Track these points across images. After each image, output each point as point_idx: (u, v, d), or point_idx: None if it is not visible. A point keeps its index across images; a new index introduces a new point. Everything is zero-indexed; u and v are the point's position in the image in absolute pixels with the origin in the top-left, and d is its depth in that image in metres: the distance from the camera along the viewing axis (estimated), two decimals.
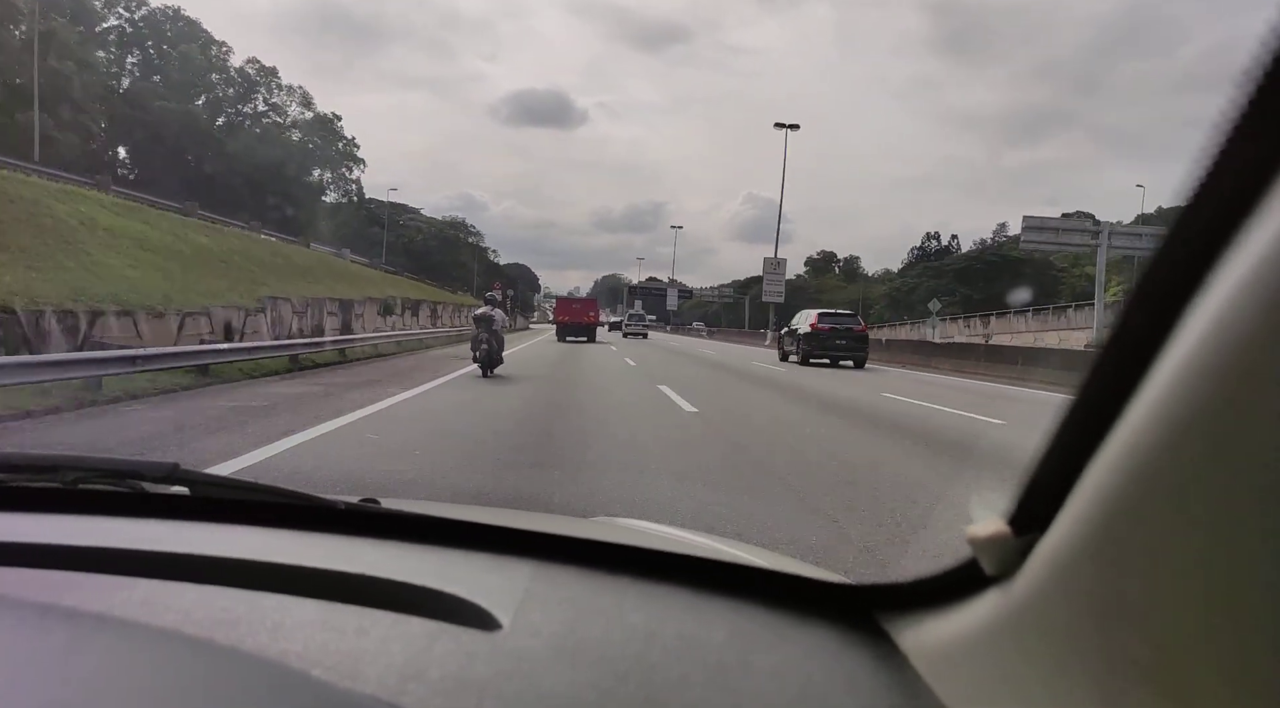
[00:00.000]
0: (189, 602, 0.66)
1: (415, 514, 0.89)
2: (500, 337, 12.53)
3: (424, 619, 0.64)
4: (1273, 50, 0.34)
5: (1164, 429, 0.37)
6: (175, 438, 5.97)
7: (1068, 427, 0.46)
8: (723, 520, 3.72)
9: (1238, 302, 0.34)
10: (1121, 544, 0.40)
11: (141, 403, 8.07)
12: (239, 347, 12.58)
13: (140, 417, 7.17)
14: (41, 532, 0.81)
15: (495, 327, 12.30)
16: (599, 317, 37.53)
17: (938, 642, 0.59)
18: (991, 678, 0.52)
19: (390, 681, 0.55)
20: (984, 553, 0.53)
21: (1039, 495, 0.48)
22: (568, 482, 4.62)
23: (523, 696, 0.54)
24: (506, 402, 9.13)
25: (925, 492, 4.66)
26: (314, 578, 0.71)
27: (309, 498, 0.89)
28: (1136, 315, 0.41)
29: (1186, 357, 0.37)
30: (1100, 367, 0.43)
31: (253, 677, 0.52)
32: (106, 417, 7.16)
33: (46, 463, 0.93)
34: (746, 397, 11.67)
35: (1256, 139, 0.35)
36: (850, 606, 0.71)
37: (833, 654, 0.64)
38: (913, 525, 3.84)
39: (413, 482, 4.48)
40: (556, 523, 1.09)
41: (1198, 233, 0.38)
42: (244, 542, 0.81)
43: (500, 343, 12.48)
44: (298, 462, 5.00)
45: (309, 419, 6.88)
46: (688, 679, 0.58)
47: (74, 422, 6.81)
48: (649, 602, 0.72)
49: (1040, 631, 0.47)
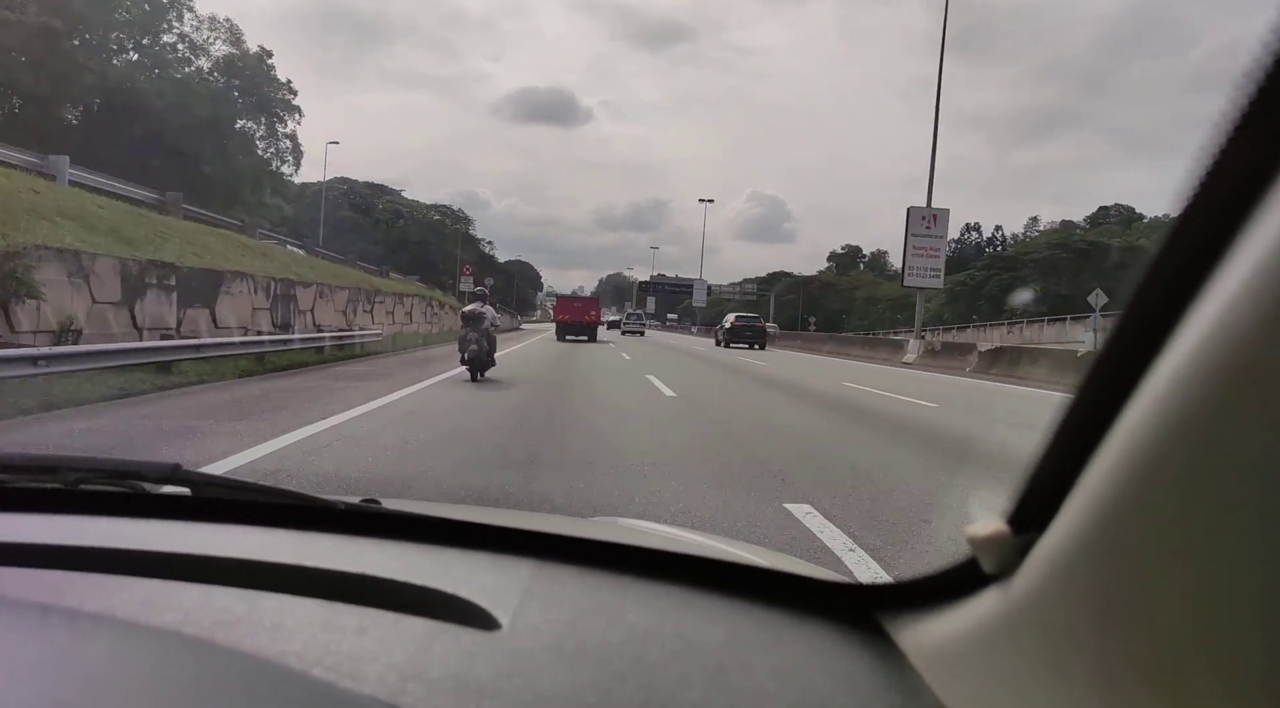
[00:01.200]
0: (189, 602, 0.66)
1: (415, 514, 0.89)
2: (491, 336, 11.36)
3: (424, 619, 0.64)
4: (1273, 51, 0.34)
5: (1163, 429, 0.38)
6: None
7: (1067, 427, 0.46)
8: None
9: (1236, 302, 0.35)
10: (1120, 544, 0.40)
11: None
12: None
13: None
14: (42, 532, 0.81)
15: (485, 325, 11.13)
16: (600, 316, 35.83)
17: (937, 641, 0.59)
18: (991, 677, 0.52)
19: (390, 680, 0.54)
20: (983, 552, 0.53)
21: (1038, 495, 0.48)
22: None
23: (522, 695, 0.54)
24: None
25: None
26: (314, 578, 0.71)
27: (309, 498, 0.89)
28: (1136, 316, 0.42)
29: (1185, 357, 0.37)
30: (1099, 367, 0.43)
31: (253, 677, 0.52)
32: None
33: (47, 463, 0.94)
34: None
35: (1256, 140, 0.35)
36: (849, 605, 0.71)
37: (832, 654, 0.64)
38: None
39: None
40: (556, 523, 1.10)
41: (1197, 234, 0.38)
42: (244, 542, 0.81)
43: (492, 343, 11.31)
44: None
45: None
46: (687, 679, 0.58)
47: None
48: (649, 601, 0.72)
49: (1039, 630, 0.47)
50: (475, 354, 10.75)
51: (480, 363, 10.88)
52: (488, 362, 11.07)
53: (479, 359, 10.81)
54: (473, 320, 11.04)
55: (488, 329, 11.10)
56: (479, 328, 10.90)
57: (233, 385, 9.47)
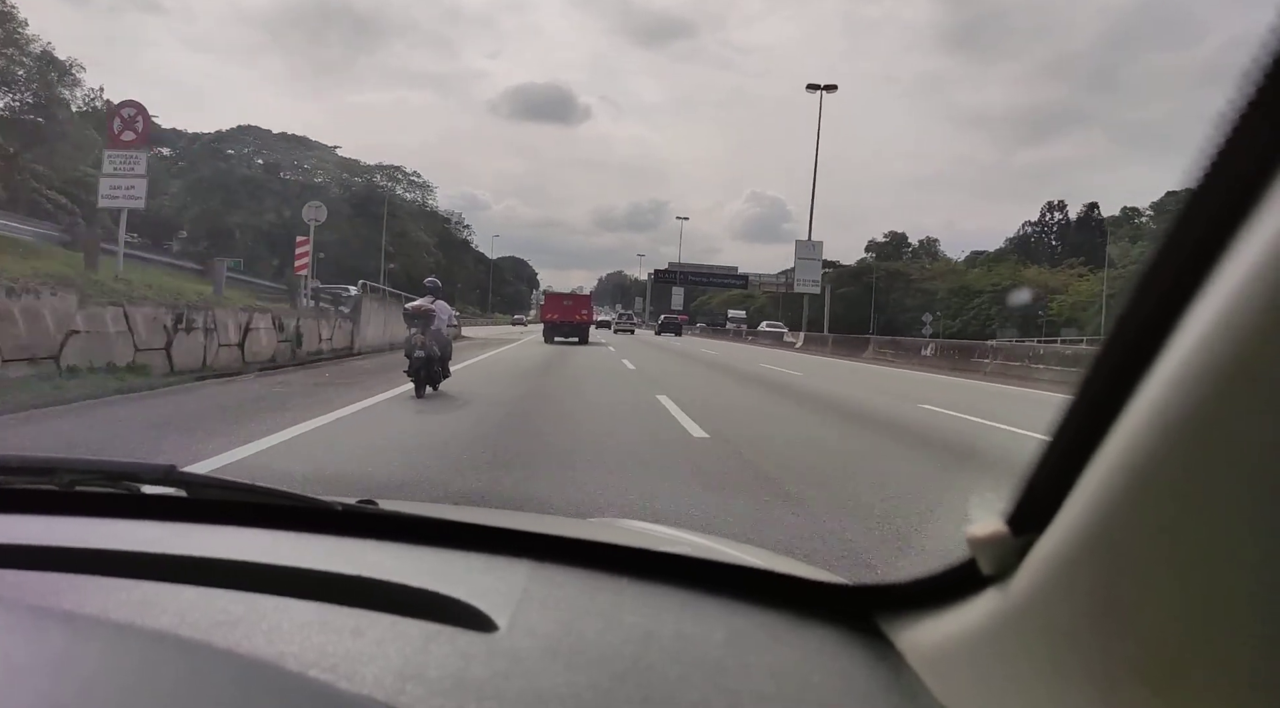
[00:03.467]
0: (186, 603, 0.66)
1: (412, 515, 0.89)
2: (445, 340, 9.10)
3: (421, 621, 0.64)
4: (1273, 51, 0.34)
5: (1162, 430, 0.38)
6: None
7: (1066, 427, 0.46)
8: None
9: (1236, 302, 0.35)
10: (1119, 545, 0.40)
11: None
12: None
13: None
14: (38, 534, 0.81)
15: (435, 326, 8.77)
16: (592, 316, 32.91)
17: (935, 642, 0.59)
18: (989, 678, 0.52)
19: (387, 682, 0.54)
20: (982, 553, 0.53)
21: (1037, 496, 0.48)
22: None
23: (520, 696, 0.54)
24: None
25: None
26: (311, 579, 0.71)
27: (306, 500, 0.89)
28: (1135, 316, 0.41)
29: (1185, 358, 0.37)
30: (1099, 367, 0.43)
31: (250, 678, 0.52)
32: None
33: (43, 465, 0.93)
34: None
35: (1257, 140, 0.35)
36: (848, 606, 0.71)
37: (830, 655, 0.64)
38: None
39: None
40: (553, 524, 1.09)
41: (1196, 234, 0.38)
42: (241, 543, 0.81)
43: (445, 349, 9.08)
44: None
45: None
46: (685, 680, 0.58)
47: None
48: (646, 602, 0.72)
49: (1038, 631, 0.47)
50: (421, 362, 8.50)
51: (429, 374, 8.71)
52: (439, 372, 8.96)
53: (428, 368, 8.64)
54: (420, 319, 8.71)
55: (439, 331, 8.90)
56: (425, 328, 8.64)
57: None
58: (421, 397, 8.47)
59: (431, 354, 8.61)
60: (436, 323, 8.80)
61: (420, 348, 8.50)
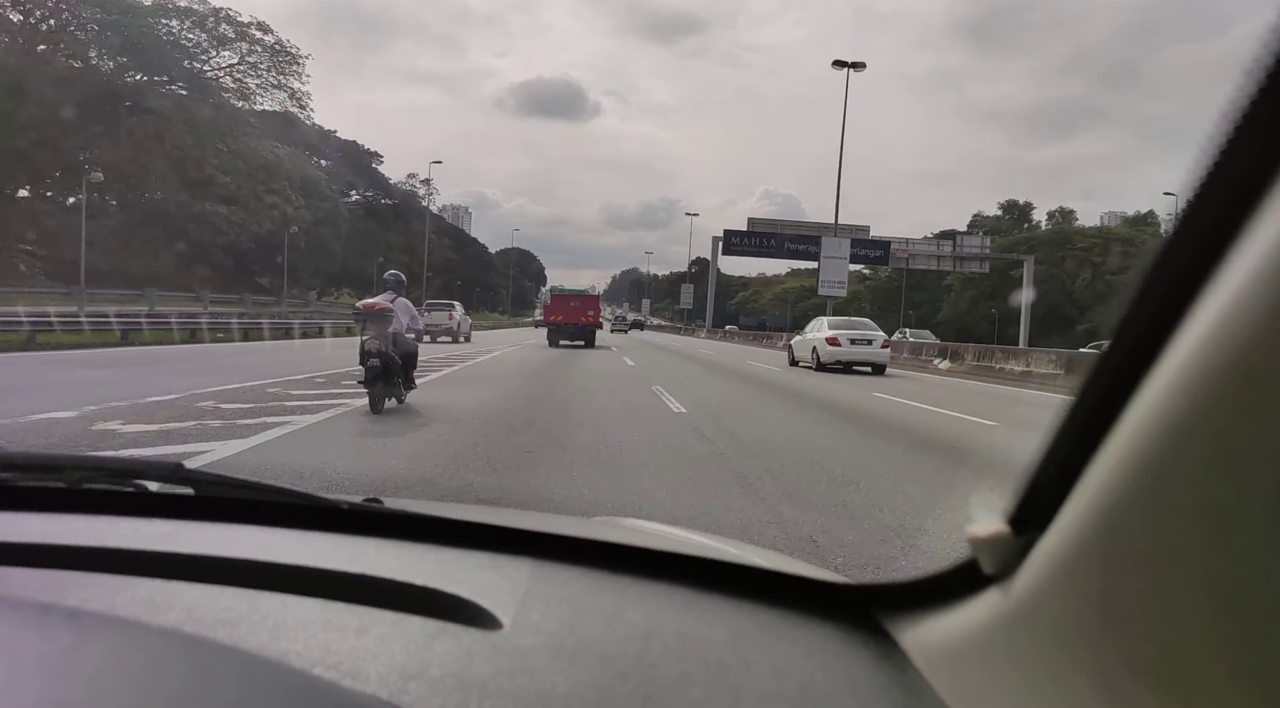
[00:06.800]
0: (191, 601, 0.66)
1: (417, 514, 0.89)
2: (407, 344, 7.69)
3: (425, 619, 0.64)
4: (1273, 51, 0.34)
5: (1164, 430, 0.38)
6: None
7: (1068, 427, 0.46)
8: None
9: (1238, 303, 0.35)
10: (1121, 544, 0.40)
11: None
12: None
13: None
14: (45, 531, 0.81)
15: (394, 328, 7.37)
16: (600, 316, 30.04)
17: (938, 641, 0.59)
18: (991, 677, 0.52)
19: (391, 679, 0.54)
20: (984, 553, 0.53)
21: (1039, 495, 0.48)
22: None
23: (523, 694, 0.54)
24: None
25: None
26: (316, 578, 0.71)
27: (312, 498, 0.89)
28: (1137, 316, 0.41)
29: (1187, 357, 0.37)
30: (1101, 367, 0.43)
31: (254, 676, 0.52)
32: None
33: (50, 463, 0.95)
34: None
35: (1258, 140, 0.35)
36: (850, 605, 0.71)
37: (833, 653, 0.64)
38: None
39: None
40: (556, 523, 1.10)
41: (1198, 234, 0.38)
42: (246, 541, 0.81)
43: (408, 356, 7.71)
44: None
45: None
46: (688, 678, 0.58)
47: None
48: (649, 601, 0.72)
49: (1040, 630, 0.47)
50: (377, 370, 7.09)
51: (388, 384, 7.38)
52: (397, 383, 7.55)
53: (386, 378, 7.28)
54: (376, 320, 7.31)
55: (398, 333, 7.52)
56: (381, 328, 7.26)
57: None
58: (379, 412, 7.12)
59: (390, 362, 7.23)
60: (395, 324, 7.45)
61: (375, 354, 7.09)
